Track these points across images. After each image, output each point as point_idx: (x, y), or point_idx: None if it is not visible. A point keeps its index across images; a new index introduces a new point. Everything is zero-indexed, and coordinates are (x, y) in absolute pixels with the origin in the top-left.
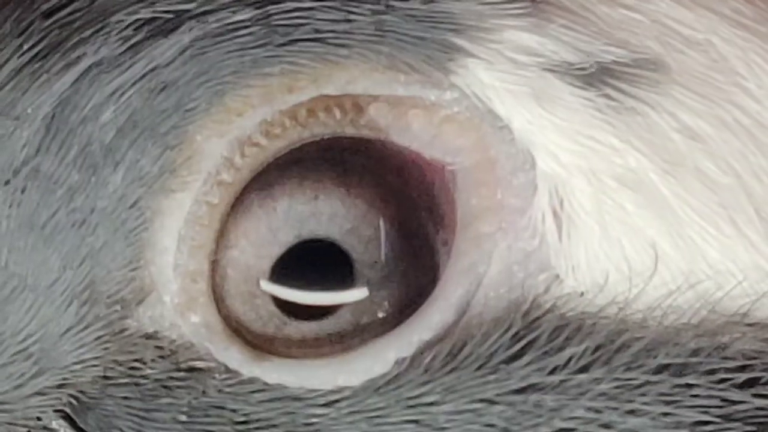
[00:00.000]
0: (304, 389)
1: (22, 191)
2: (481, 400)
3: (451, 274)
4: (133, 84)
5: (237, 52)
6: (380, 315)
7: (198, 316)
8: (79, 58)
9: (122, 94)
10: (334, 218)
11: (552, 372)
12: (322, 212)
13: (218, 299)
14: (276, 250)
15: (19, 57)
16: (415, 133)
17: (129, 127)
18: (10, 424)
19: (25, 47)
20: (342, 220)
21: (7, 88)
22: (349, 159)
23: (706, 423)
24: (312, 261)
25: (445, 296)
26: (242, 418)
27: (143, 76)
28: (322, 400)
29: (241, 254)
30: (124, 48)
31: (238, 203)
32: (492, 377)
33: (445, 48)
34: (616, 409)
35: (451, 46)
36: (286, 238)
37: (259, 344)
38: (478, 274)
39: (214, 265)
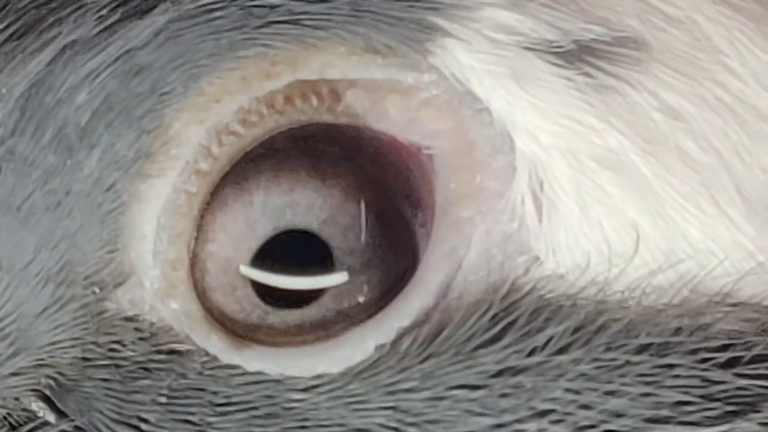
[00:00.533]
0: (285, 376)
1: None
2: (460, 386)
3: (431, 259)
4: (108, 66)
5: (212, 34)
6: (361, 300)
7: (178, 303)
8: (54, 37)
9: (97, 76)
10: (311, 209)
11: (530, 354)
12: (299, 203)
13: (199, 291)
14: (254, 243)
15: None
16: (392, 118)
17: (104, 110)
18: None
19: (2, 26)
20: (318, 210)
21: None
22: (322, 149)
23: (687, 403)
24: (291, 251)
25: (424, 282)
26: (222, 401)
27: (118, 58)
28: (302, 385)
29: (219, 248)
30: (99, 29)
31: (214, 197)
32: (470, 362)
33: (423, 27)
34: (595, 390)
35: (429, 25)
36: (263, 231)
37: (242, 332)
38: (457, 258)
39: (194, 257)
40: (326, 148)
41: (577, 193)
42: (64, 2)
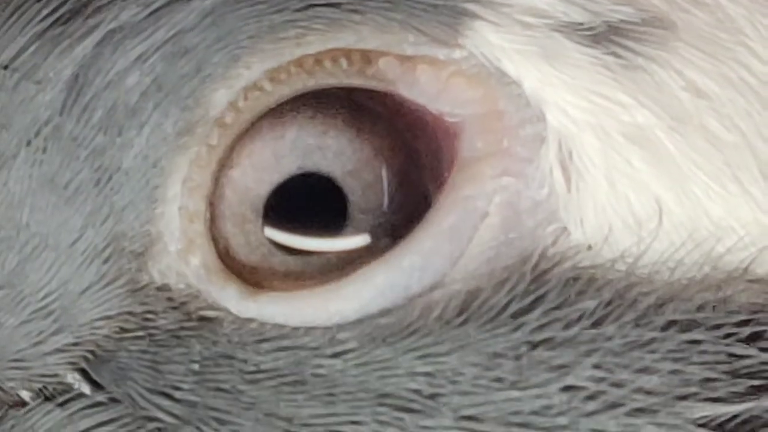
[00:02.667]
0: (304, 325)
1: (44, 151)
2: (488, 354)
3: (443, 203)
4: (158, 49)
5: (254, 18)
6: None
7: (197, 257)
8: (99, 23)
9: (147, 59)
10: (339, 156)
11: (563, 327)
12: (329, 148)
13: (212, 221)
14: (276, 177)
15: (40, 21)
16: (422, 86)
17: (153, 91)
18: (27, 380)
19: (45, 12)
20: (346, 159)
21: (28, 52)
22: (364, 103)
23: (714, 380)
24: (307, 195)
25: (436, 223)
26: (252, 368)
27: (167, 40)
28: (329, 351)
29: (241, 175)
30: (145, 13)
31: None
32: (501, 330)
33: (455, 13)
34: (626, 367)
35: (461, 11)
36: (288, 167)
37: (252, 279)
38: (475, 209)
39: (214, 188)
40: (367, 103)
41: (605, 165)
42: None
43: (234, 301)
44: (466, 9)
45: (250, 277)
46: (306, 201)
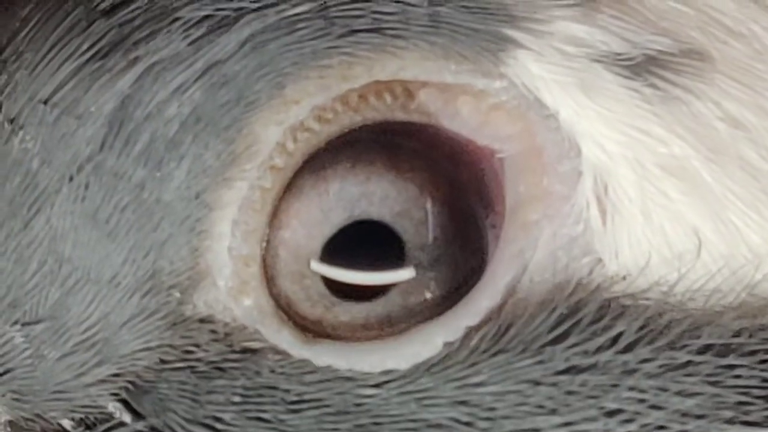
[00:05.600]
0: (354, 371)
1: (86, 187)
2: (527, 381)
3: (500, 260)
4: (196, 80)
5: (296, 44)
6: (428, 296)
7: (250, 299)
8: (140, 56)
9: (185, 90)
10: (385, 200)
11: (596, 352)
12: (374, 194)
13: (269, 280)
14: (327, 231)
15: (79, 56)
16: (464, 119)
17: (192, 122)
18: (69, 410)
19: (85, 46)
20: (393, 202)
21: (68, 87)
22: (400, 143)
23: (748, 404)
24: (363, 242)
25: (493, 282)
26: (294, 398)
27: (205, 71)
28: (372, 381)
29: (292, 235)
30: (185, 44)
31: (291, 185)
32: (537, 358)
33: (497, 39)
34: (664, 390)
35: (503, 37)
36: (337, 219)
37: (310, 327)
38: (524, 260)
39: (266, 246)
40: (403, 142)
41: (641, 198)
42: (149, 20)
43: (287, 344)
44: (508, 36)
45: (307, 323)
46: (366, 246)
